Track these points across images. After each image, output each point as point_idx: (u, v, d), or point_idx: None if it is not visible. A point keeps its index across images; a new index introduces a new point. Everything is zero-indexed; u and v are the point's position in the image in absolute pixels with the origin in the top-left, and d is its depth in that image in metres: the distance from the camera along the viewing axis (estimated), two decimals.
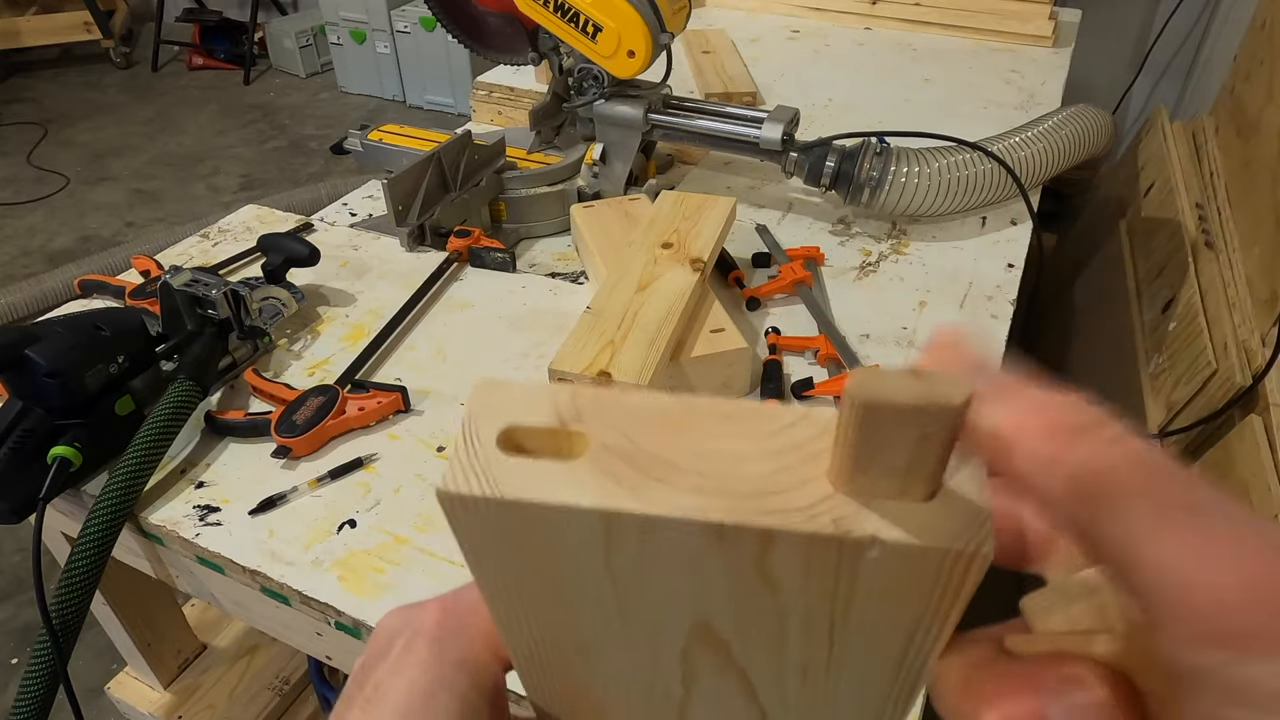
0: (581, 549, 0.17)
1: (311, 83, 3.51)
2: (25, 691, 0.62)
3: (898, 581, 0.16)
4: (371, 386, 0.72)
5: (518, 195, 1.00)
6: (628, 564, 0.18)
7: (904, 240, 0.97)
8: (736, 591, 0.18)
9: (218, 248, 0.96)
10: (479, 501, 0.17)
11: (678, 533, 0.16)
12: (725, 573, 0.17)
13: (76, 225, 2.60)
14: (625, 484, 0.17)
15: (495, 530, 0.18)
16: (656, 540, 0.17)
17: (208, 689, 0.98)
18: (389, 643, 0.24)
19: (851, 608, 0.17)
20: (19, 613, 1.46)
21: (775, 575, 0.17)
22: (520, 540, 0.18)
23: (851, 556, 0.16)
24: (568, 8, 0.90)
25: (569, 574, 0.18)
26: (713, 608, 0.18)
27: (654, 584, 0.18)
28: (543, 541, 0.18)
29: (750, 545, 0.16)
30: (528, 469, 0.17)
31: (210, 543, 0.61)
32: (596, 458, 0.17)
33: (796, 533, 0.16)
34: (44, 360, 0.61)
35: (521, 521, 0.17)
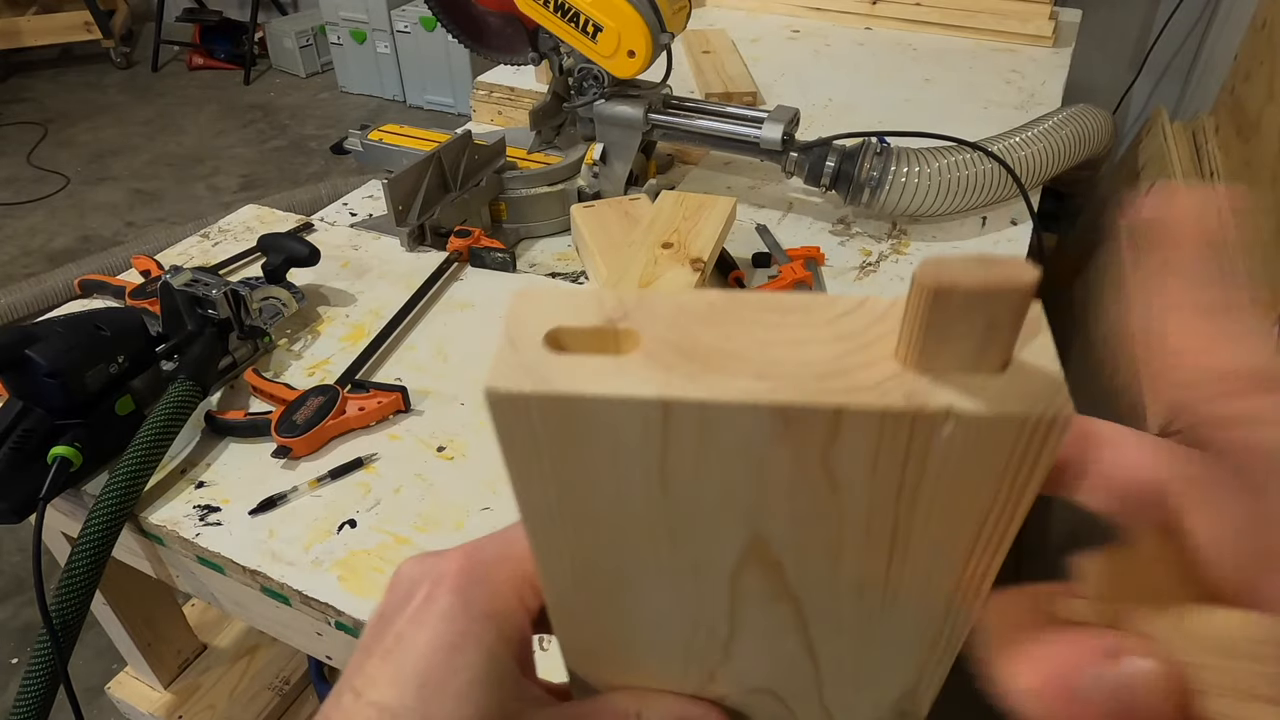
0: (635, 449, 0.17)
1: (311, 83, 3.51)
2: (25, 691, 0.62)
3: (971, 461, 0.16)
4: (371, 386, 0.72)
5: (518, 195, 1.00)
6: (683, 465, 0.17)
7: (904, 240, 0.97)
8: (797, 492, 0.17)
9: (218, 248, 0.96)
10: (529, 399, 0.16)
11: (741, 420, 0.16)
12: (787, 469, 0.16)
13: (76, 225, 2.60)
14: (683, 373, 0.16)
15: (543, 434, 0.17)
16: (717, 432, 0.16)
17: (208, 689, 0.98)
18: (409, 591, 0.22)
19: (918, 501, 0.17)
20: (19, 613, 1.46)
21: (840, 468, 0.16)
22: (568, 444, 0.17)
23: (924, 435, 0.15)
24: (568, 8, 0.90)
25: (618, 484, 0.18)
26: (769, 518, 0.18)
27: (709, 490, 0.17)
28: (593, 444, 0.17)
29: (817, 431, 0.16)
30: (579, 364, 0.16)
31: (210, 543, 0.61)
32: (649, 351, 0.17)
33: (868, 409, 0.15)
34: (44, 360, 0.61)
35: (572, 420, 0.16)
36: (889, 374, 0.16)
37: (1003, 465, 0.16)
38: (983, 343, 0.15)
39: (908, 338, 0.16)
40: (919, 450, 0.16)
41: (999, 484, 0.16)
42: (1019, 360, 0.16)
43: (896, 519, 0.17)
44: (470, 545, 0.23)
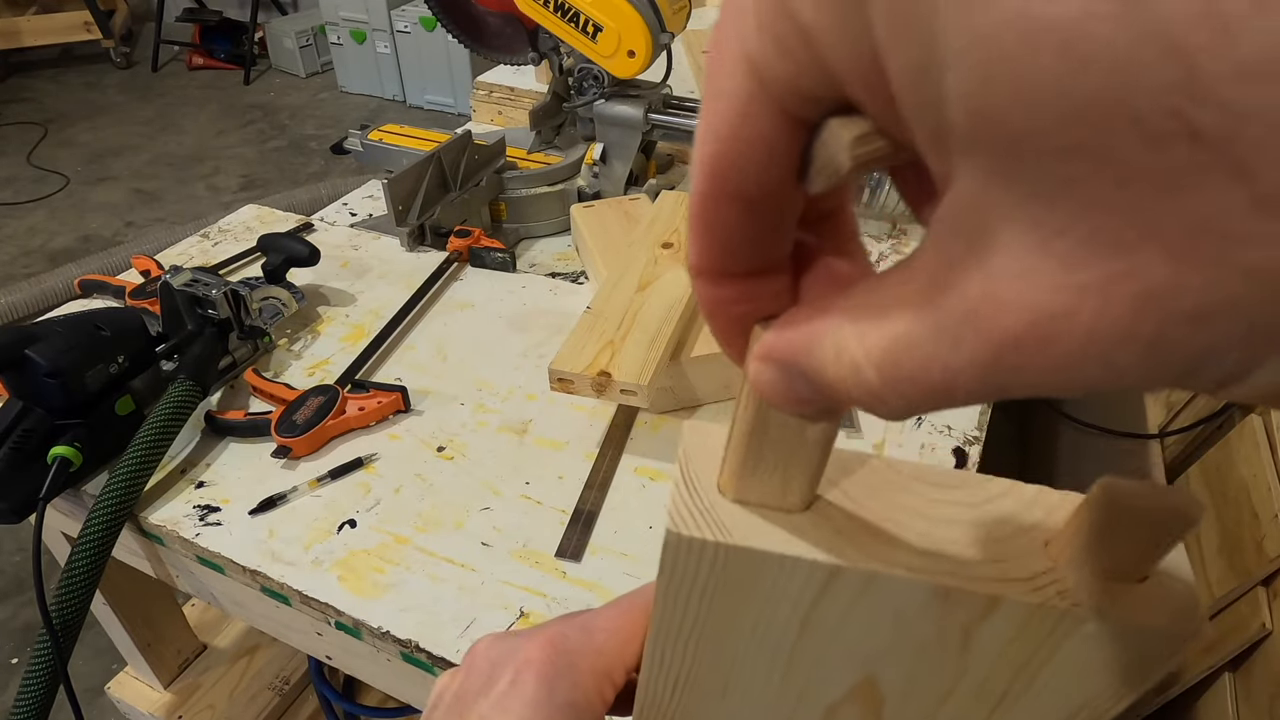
0: (790, 598, 0.18)
1: (311, 83, 3.51)
2: (25, 691, 0.62)
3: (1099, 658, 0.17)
4: (371, 386, 0.72)
5: (518, 195, 1.00)
6: (829, 618, 0.18)
7: (904, 240, 0.97)
8: (928, 651, 0.18)
9: (218, 248, 0.96)
10: (707, 545, 0.17)
11: (900, 592, 0.17)
12: (928, 634, 0.17)
13: (76, 225, 2.60)
14: (852, 540, 0.17)
15: (708, 575, 0.18)
16: (873, 599, 0.17)
17: (208, 689, 0.98)
18: (490, 674, 0.23)
19: (1036, 678, 0.18)
20: (19, 613, 1.46)
21: (978, 640, 0.17)
22: (728, 585, 0.18)
23: (1066, 630, 0.17)
24: (568, 8, 0.90)
25: (760, 625, 0.19)
26: (890, 665, 0.19)
27: (843, 639, 0.18)
28: (751, 590, 0.18)
29: (970, 610, 0.17)
30: (755, 518, 0.17)
31: (210, 543, 0.61)
32: (820, 512, 0.18)
33: (1024, 601, 0.16)
34: (44, 360, 0.61)
35: (741, 568, 0.17)
36: (1044, 568, 0.17)
37: (1127, 664, 0.17)
38: (1138, 558, 0.16)
39: (1070, 538, 0.17)
40: (1056, 640, 0.17)
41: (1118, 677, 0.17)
42: (1159, 570, 0.17)
43: (1010, 686, 0.18)
44: (552, 631, 0.23)
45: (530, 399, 0.73)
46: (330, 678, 1.01)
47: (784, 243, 0.15)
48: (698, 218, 0.14)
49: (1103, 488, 0.16)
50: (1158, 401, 1.06)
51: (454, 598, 0.57)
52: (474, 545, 0.60)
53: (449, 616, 0.56)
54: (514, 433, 0.70)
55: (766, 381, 0.15)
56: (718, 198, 0.14)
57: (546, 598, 0.57)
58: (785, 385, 0.15)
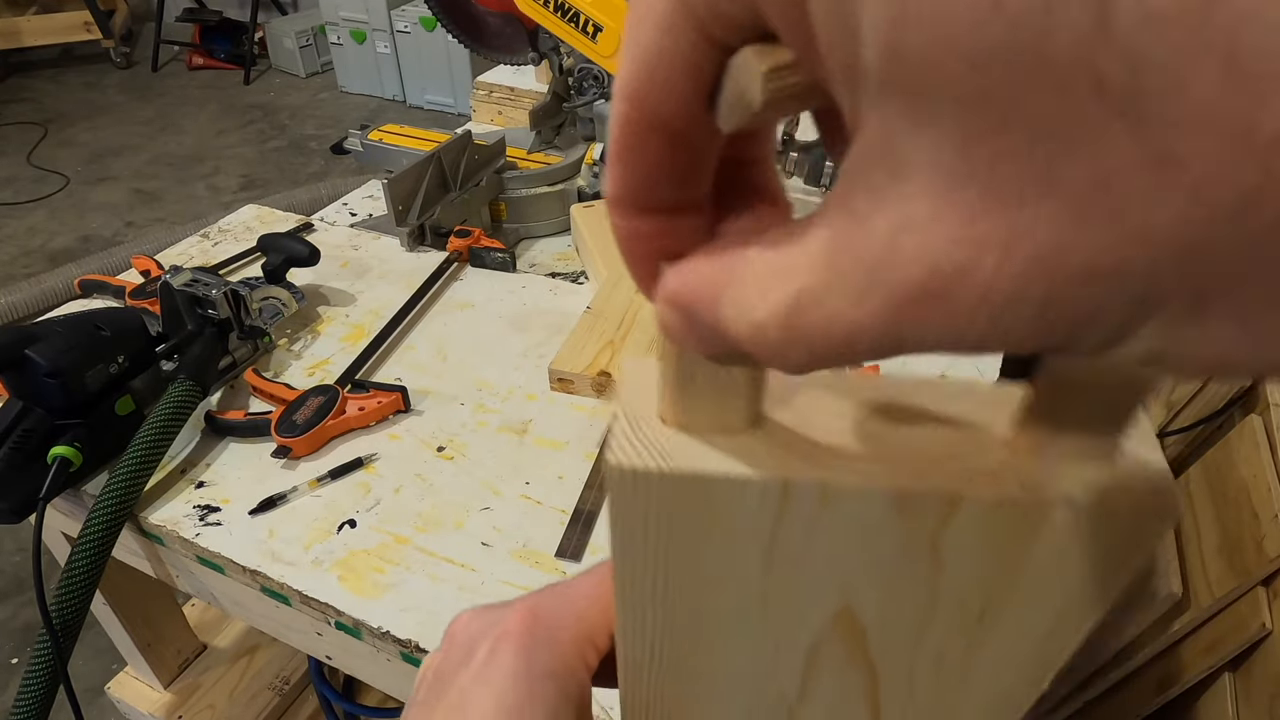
0: (748, 525, 0.17)
1: (311, 83, 3.51)
2: (25, 691, 0.62)
3: (1073, 551, 0.16)
4: (371, 386, 0.72)
5: (518, 195, 1.00)
6: (792, 542, 0.17)
7: None
8: (898, 569, 0.17)
9: (218, 248, 0.96)
10: (651, 476, 0.16)
11: (858, 503, 0.16)
12: (894, 548, 0.17)
13: (76, 225, 2.60)
14: (801, 454, 0.16)
15: (658, 509, 0.17)
16: (832, 514, 0.16)
17: (208, 689, 0.98)
18: (469, 647, 0.22)
19: (1016, 582, 0.17)
20: (19, 613, 1.46)
21: (946, 550, 0.17)
22: (682, 519, 0.17)
23: (1032, 524, 0.16)
24: (568, 8, 0.90)
25: (723, 555, 0.18)
26: (864, 590, 0.18)
27: (811, 564, 0.18)
28: (707, 519, 0.17)
29: (932, 515, 0.16)
30: (698, 443, 0.17)
31: (210, 543, 0.61)
32: (767, 431, 0.17)
33: (985, 497, 0.15)
34: (44, 360, 0.61)
35: (690, 496, 0.17)
36: (1002, 462, 0.16)
37: (1104, 554, 0.16)
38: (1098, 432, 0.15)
39: (1023, 425, 0.16)
40: (1024, 538, 0.16)
41: (1096, 572, 0.16)
42: (1125, 450, 0.16)
43: (988, 600, 0.18)
44: (531, 601, 0.23)
45: (530, 399, 0.73)
46: (330, 678, 1.01)
47: (702, 180, 0.15)
48: (617, 144, 0.14)
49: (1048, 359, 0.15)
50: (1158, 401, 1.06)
51: (454, 598, 0.57)
52: (474, 545, 0.60)
53: (449, 616, 0.55)
54: (514, 433, 0.70)
55: (671, 324, 0.15)
56: (638, 124, 0.14)
57: None
58: (687, 330, 0.14)
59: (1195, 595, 0.84)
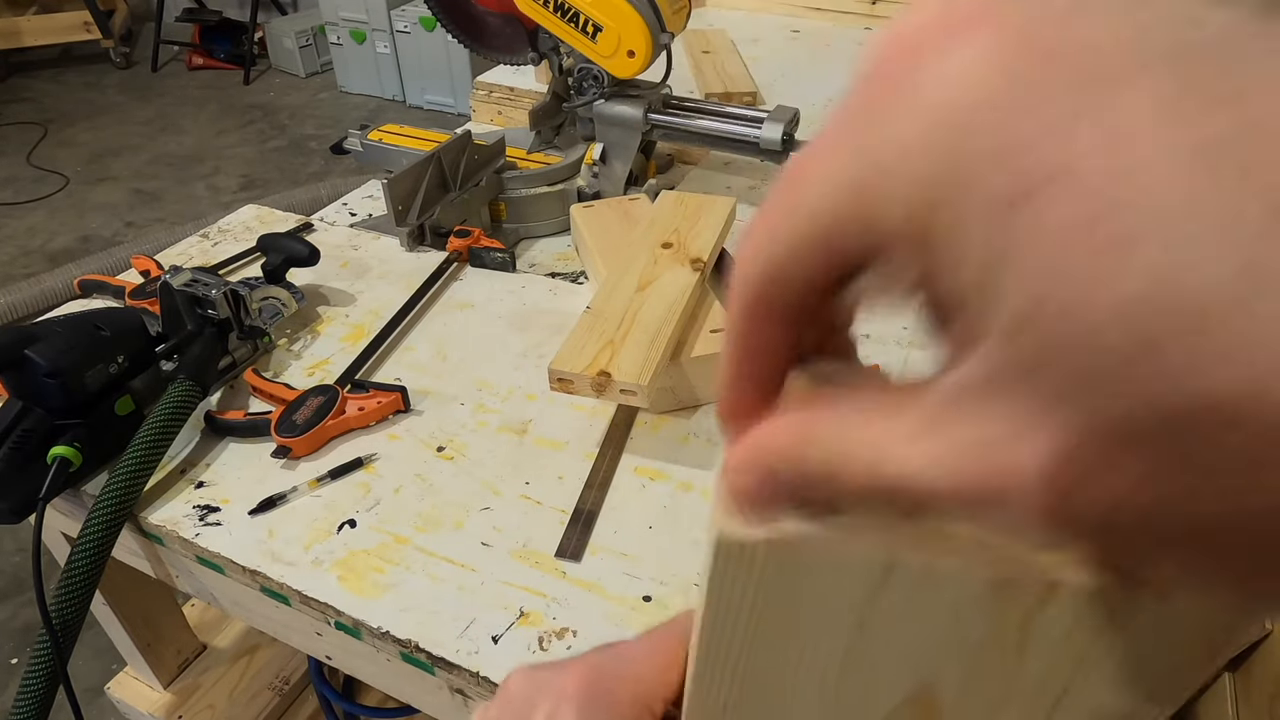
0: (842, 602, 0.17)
1: (311, 83, 3.51)
2: (25, 691, 0.62)
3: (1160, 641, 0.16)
4: (371, 386, 0.72)
5: (518, 195, 1.00)
6: (883, 621, 0.17)
7: None
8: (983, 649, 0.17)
9: (218, 248, 0.96)
10: (758, 544, 0.16)
11: (958, 580, 0.16)
12: (983, 630, 0.17)
13: (76, 225, 2.60)
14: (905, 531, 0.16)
15: (760, 579, 0.17)
16: (927, 593, 0.16)
17: (208, 689, 0.98)
18: (527, 710, 0.22)
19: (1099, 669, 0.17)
20: (19, 613, 1.46)
21: (1036, 631, 0.16)
22: (780, 592, 0.17)
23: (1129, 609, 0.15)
24: (568, 8, 0.90)
25: (811, 631, 0.18)
26: (946, 671, 0.18)
27: (897, 644, 0.17)
28: (803, 591, 0.17)
29: (1028, 600, 0.16)
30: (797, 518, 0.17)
31: (210, 543, 0.61)
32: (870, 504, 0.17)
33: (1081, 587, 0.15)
34: (44, 360, 0.61)
35: (791, 568, 0.17)
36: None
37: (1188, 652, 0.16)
38: None
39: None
40: (1119, 620, 0.16)
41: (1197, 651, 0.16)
42: None
43: (1070, 680, 0.17)
44: (590, 662, 0.23)
45: (530, 399, 0.73)
46: (330, 678, 1.01)
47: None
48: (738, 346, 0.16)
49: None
50: None
51: (454, 598, 0.57)
52: (474, 545, 0.60)
53: (449, 616, 0.56)
54: (514, 433, 0.70)
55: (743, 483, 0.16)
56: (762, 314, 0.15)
57: (546, 598, 0.57)
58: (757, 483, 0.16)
59: None
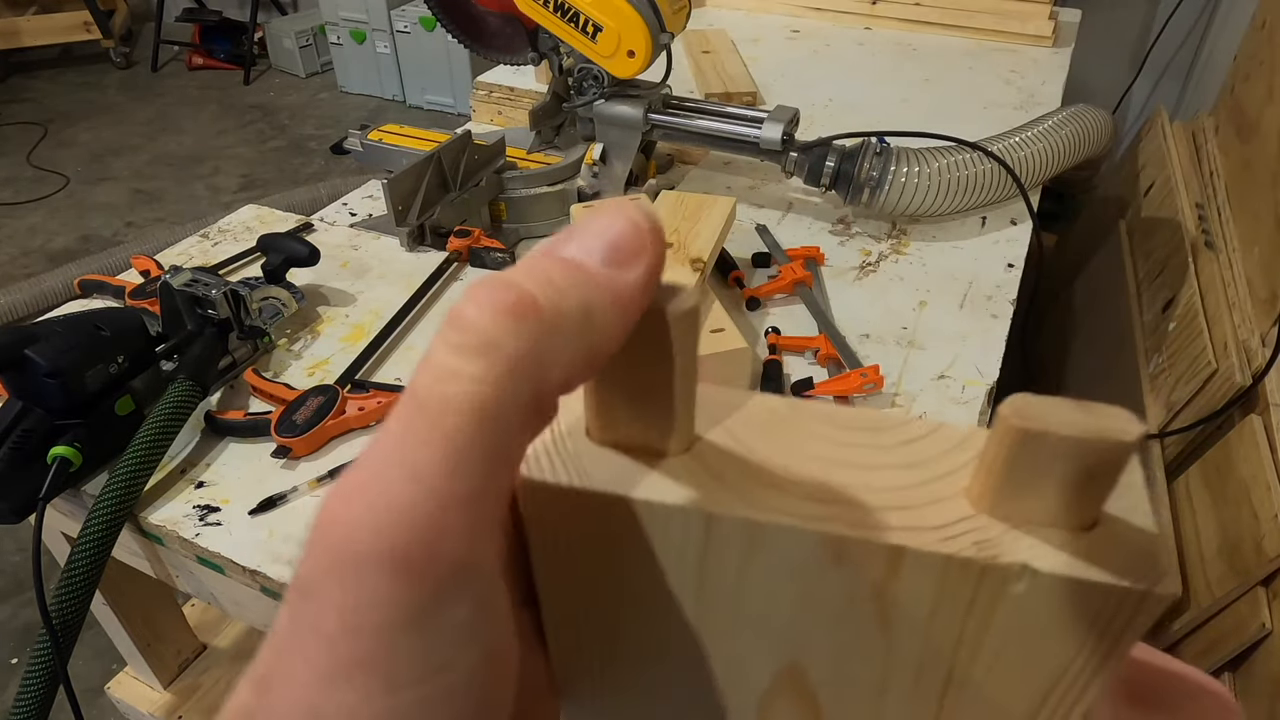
0: (672, 559, 0.16)
1: (311, 83, 3.51)
2: (25, 691, 0.62)
3: (1044, 624, 0.14)
4: (371, 386, 0.72)
5: (518, 195, 1.00)
6: (722, 579, 0.16)
7: (904, 240, 0.97)
8: (843, 624, 0.16)
9: (218, 248, 0.96)
10: (564, 492, 0.15)
11: (790, 545, 0.15)
12: (836, 600, 0.15)
13: (76, 225, 2.60)
14: (732, 485, 0.15)
15: (576, 531, 0.16)
16: (763, 554, 0.15)
17: (208, 689, 0.98)
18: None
19: (978, 655, 0.15)
20: (19, 613, 1.46)
21: (894, 607, 0.15)
22: (602, 546, 0.16)
23: (992, 588, 0.14)
24: (568, 8, 0.90)
25: (650, 590, 0.16)
26: (810, 647, 0.16)
27: (748, 607, 0.16)
28: (628, 548, 0.16)
29: (874, 566, 0.14)
30: (622, 461, 0.15)
31: (210, 543, 0.61)
32: (699, 455, 0.15)
33: (932, 553, 0.14)
34: (44, 360, 0.61)
35: (609, 521, 0.15)
36: (959, 515, 0.14)
37: (1081, 632, 0.14)
38: (1070, 496, 0.14)
39: (985, 479, 0.14)
40: (986, 601, 0.14)
41: (1074, 650, 0.14)
42: (1110, 517, 0.14)
43: (952, 669, 0.16)
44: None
45: None
46: None
47: None
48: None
49: (1012, 410, 0.13)
50: (1158, 401, 1.06)
51: None
52: None
53: None
54: None
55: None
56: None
57: None
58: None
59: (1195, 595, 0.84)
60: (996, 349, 0.80)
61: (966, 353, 0.79)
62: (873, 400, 0.73)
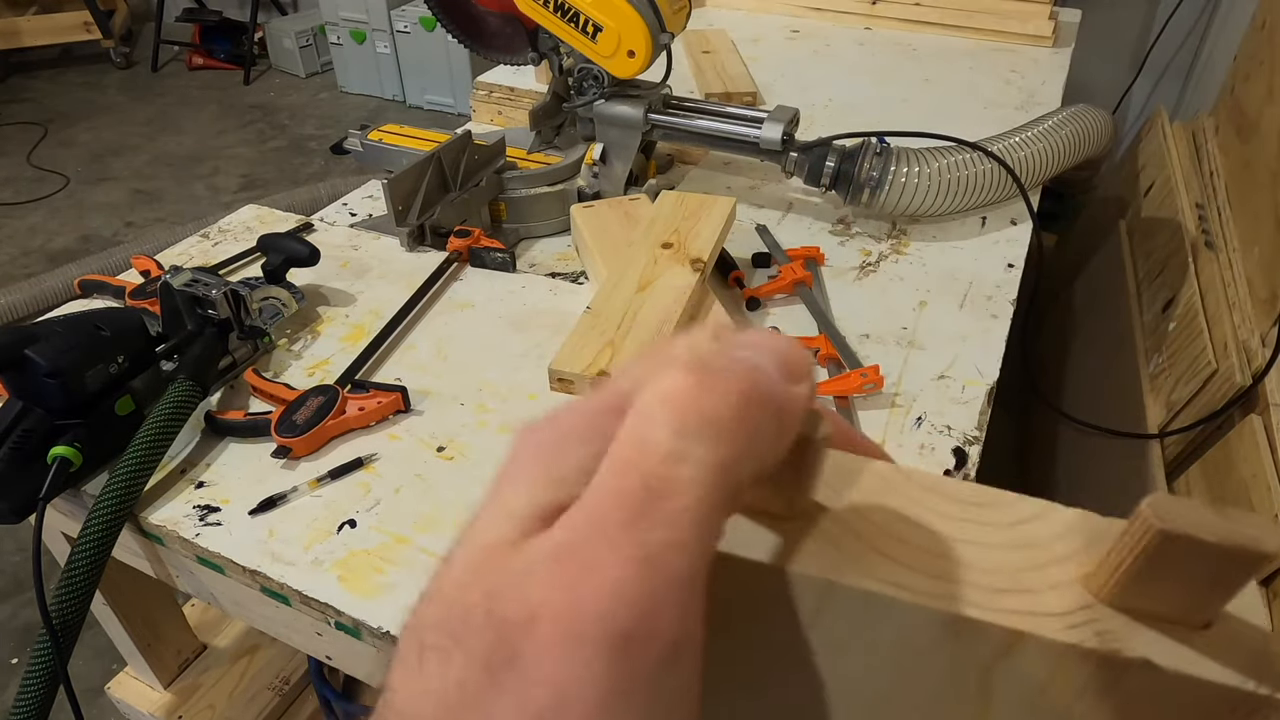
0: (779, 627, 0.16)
1: (311, 83, 3.51)
2: (25, 691, 0.62)
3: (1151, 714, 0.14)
4: (371, 386, 0.72)
5: (518, 195, 1.00)
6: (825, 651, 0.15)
7: (904, 240, 0.97)
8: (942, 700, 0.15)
9: (218, 248, 0.96)
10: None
11: (906, 620, 0.14)
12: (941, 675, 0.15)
13: (76, 225, 2.60)
14: (850, 554, 0.15)
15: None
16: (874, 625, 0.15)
17: (208, 689, 0.98)
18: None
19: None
20: (19, 613, 1.46)
21: (1000, 687, 0.15)
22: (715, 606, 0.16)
23: (1107, 677, 0.14)
24: (568, 8, 0.90)
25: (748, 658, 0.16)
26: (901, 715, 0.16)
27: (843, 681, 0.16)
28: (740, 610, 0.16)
29: (988, 648, 0.14)
30: (744, 524, 0.15)
31: (210, 543, 0.61)
32: (818, 522, 0.15)
33: (1053, 641, 0.14)
34: (44, 360, 0.61)
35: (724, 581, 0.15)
36: (1080, 604, 0.14)
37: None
38: (1197, 597, 0.14)
39: (1112, 571, 0.14)
40: (1095, 692, 0.14)
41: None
42: (1226, 615, 0.14)
43: None
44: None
45: (531, 399, 0.73)
46: (330, 678, 1.01)
47: None
48: None
49: (1153, 510, 0.13)
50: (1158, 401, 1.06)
51: None
52: None
53: None
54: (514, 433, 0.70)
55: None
56: None
57: None
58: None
59: None
60: (996, 349, 0.80)
61: (966, 353, 0.79)
62: (872, 400, 0.73)
